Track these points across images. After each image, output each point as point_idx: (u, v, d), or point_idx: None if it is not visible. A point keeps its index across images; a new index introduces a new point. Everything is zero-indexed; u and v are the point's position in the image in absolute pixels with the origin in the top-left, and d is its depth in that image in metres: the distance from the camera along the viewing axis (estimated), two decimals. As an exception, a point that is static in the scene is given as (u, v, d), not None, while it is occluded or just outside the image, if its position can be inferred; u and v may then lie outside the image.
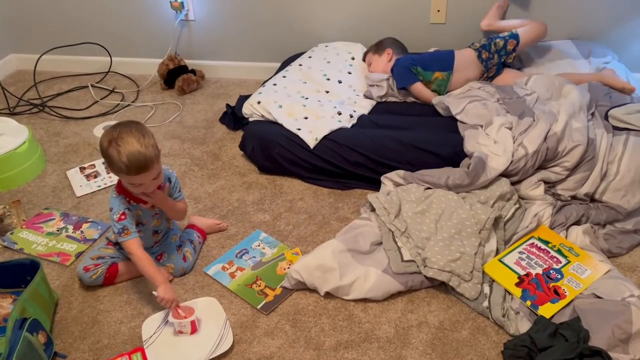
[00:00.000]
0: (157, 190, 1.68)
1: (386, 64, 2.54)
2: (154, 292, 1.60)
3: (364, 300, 1.72)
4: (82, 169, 2.38)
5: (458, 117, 2.21)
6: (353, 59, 2.73)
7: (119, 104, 2.89)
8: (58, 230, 2.05)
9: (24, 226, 2.07)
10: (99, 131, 2.50)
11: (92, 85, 3.06)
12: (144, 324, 1.63)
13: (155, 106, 2.87)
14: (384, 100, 2.47)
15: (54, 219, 2.10)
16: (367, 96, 2.49)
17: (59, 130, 2.70)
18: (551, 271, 1.75)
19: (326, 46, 2.80)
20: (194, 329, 1.61)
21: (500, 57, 2.44)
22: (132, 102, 2.92)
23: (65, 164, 2.44)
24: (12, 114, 2.82)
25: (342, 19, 2.85)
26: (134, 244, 1.64)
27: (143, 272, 1.65)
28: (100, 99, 2.95)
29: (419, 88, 2.43)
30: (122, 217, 1.64)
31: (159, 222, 1.80)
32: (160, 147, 1.61)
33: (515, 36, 2.42)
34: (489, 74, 2.47)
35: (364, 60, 2.69)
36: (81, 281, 1.80)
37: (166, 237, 1.88)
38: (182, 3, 2.90)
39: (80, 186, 2.28)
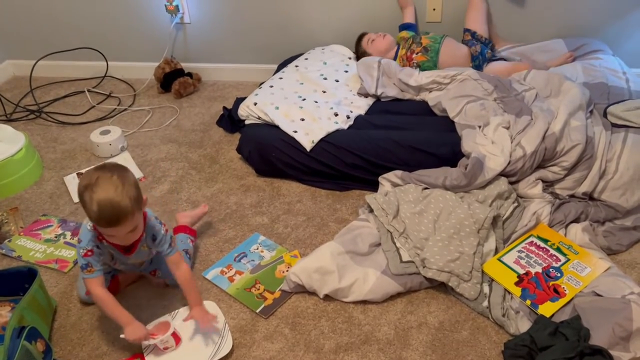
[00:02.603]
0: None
1: (388, 43, 2.65)
2: (122, 336, 1.50)
3: (364, 302, 1.71)
4: (79, 175, 2.37)
5: (455, 120, 2.20)
6: (350, 58, 2.73)
7: (115, 108, 2.89)
8: (56, 237, 2.04)
9: (21, 233, 2.07)
10: (96, 136, 2.50)
11: (88, 90, 3.06)
12: (143, 330, 1.62)
13: (152, 110, 2.87)
14: (380, 93, 2.45)
15: (51, 225, 2.10)
16: (361, 93, 2.48)
17: (56, 136, 2.69)
18: (551, 269, 1.74)
19: (323, 49, 2.79)
20: (177, 340, 1.58)
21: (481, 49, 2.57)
22: (129, 106, 2.91)
23: (62, 170, 2.43)
24: (8, 120, 2.81)
25: (338, 21, 2.84)
26: (94, 283, 1.53)
27: (105, 313, 1.55)
28: (97, 104, 2.94)
29: None
30: (89, 253, 1.51)
31: (136, 260, 1.67)
32: (144, 196, 1.49)
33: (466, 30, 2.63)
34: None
35: (357, 50, 2.73)
36: (86, 303, 1.77)
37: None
38: (177, 6, 2.90)
39: (78, 192, 2.28)
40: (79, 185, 1.42)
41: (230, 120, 2.60)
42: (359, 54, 2.74)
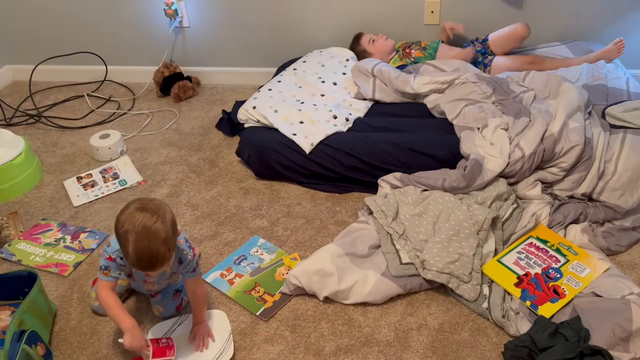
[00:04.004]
0: None
1: (390, 46, 2.71)
2: (120, 340, 1.47)
3: (363, 304, 1.72)
4: (79, 179, 2.38)
5: (454, 122, 2.20)
6: (347, 60, 2.73)
7: (115, 112, 2.89)
8: (56, 241, 2.04)
9: (21, 237, 2.07)
10: (95, 140, 2.50)
11: (88, 95, 3.07)
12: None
13: (151, 114, 2.87)
14: (378, 99, 2.45)
15: (51, 229, 2.10)
16: (358, 98, 2.47)
17: (55, 140, 2.70)
18: (550, 270, 1.74)
19: (321, 52, 2.80)
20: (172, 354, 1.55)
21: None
22: (128, 110, 2.92)
23: (62, 174, 2.44)
24: (8, 125, 2.82)
25: (337, 23, 2.85)
26: (106, 286, 1.54)
27: (109, 315, 1.55)
28: (97, 108, 2.95)
29: None
30: (111, 259, 1.53)
31: (152, 287, 1.70)
32: (176, 220, 1.47)
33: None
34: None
35: (354, 48, 2.77)
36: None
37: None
38: (176, 10, 2.90)
39: (78, 196, 2.28)
40: (121, 224, 1.39)
41: (229, 124, 2.61)
42: (358, 52, 2.75)
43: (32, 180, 2.37)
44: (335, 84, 2.54)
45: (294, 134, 2.23)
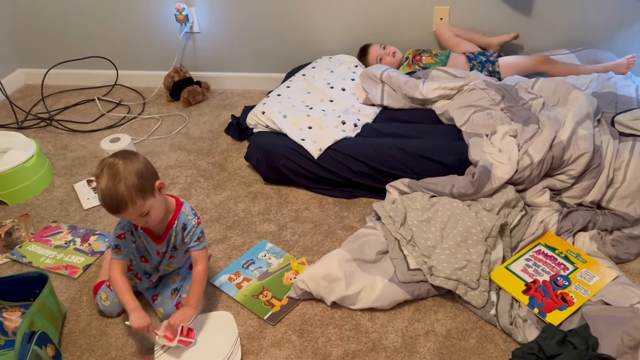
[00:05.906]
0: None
1: (397, 61, 2.73)
2: (126, 323, 1.56)
3: (371, 309, 1.72)
4: (89, 182, 2.40)
5: (462, 129, 2.20)
6: (356, 66, 2.74)
7: (125, 116, 2.92)
8: (66, 243, 2.06)
9: (32, 239, 2.09)
10: (105, 144, 2.52)
11: (98, 99, 3.10)
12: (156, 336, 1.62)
13: (161, 118, 2.89)
14: (386, 104, 2.46)
15: (61, 232, 2.12)
16: (367, 104, 2.48)
17: (66, 143, 2.72)
18: (558, 278, 1.74)
19: (330, 58, 2.81)
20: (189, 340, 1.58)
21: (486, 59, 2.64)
22: (139, 114, 2.94)
23: (72, 177, 2.46)
24: (20, 128, 2.85)
25: (346, 29, 2.86)
26: (116, 266, 1.63)
27: (117, 295, 1.64)
28: (107, 112, 2.97)
29: None
30: (121, 236, 1.63)
31: (169, 265, 1.75)
32: (158, 182, 1.53)
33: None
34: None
35: (362, 57, 2.77)
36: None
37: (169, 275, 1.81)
38: (186, 16, 2.93)
39: (88, 199, 2.30)
40: (95, 171, 1.50)
41: (238, 129, 2.62)
42: (365, 64, 2.76)
43: (43, 183, 2.39)
44: (344, 89, 2.55)
45: (303, 139, 2.24)
